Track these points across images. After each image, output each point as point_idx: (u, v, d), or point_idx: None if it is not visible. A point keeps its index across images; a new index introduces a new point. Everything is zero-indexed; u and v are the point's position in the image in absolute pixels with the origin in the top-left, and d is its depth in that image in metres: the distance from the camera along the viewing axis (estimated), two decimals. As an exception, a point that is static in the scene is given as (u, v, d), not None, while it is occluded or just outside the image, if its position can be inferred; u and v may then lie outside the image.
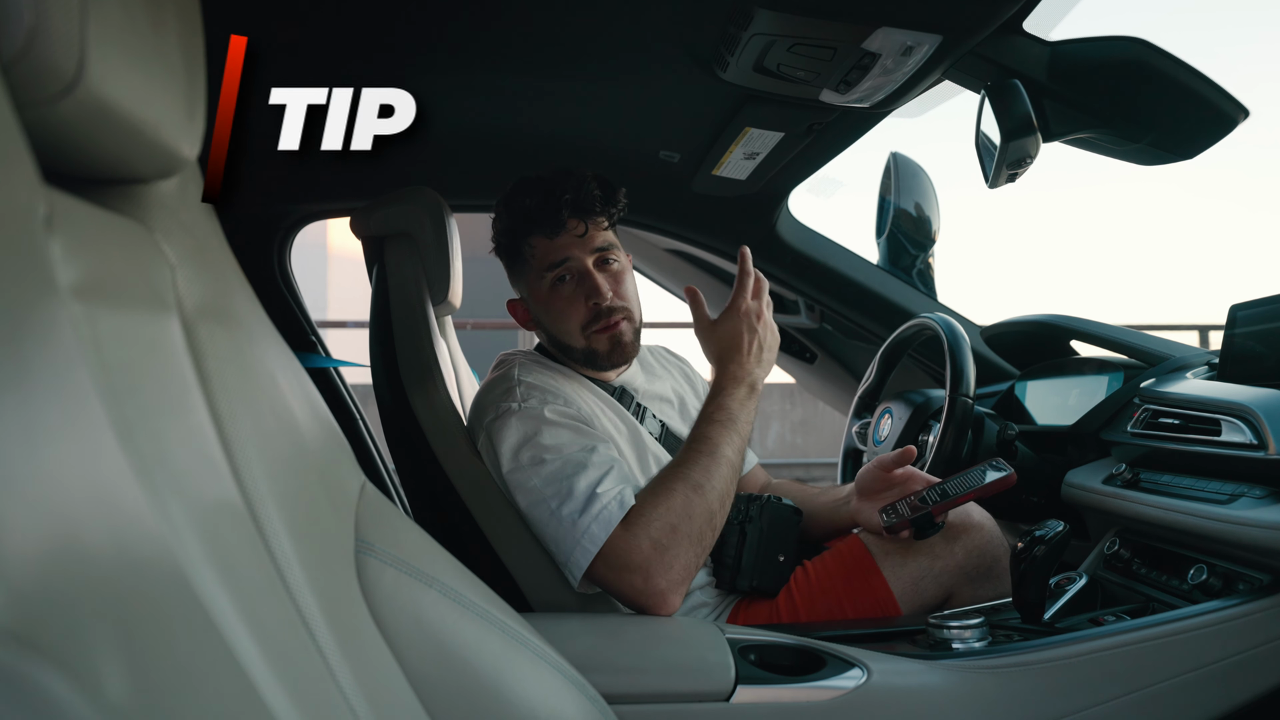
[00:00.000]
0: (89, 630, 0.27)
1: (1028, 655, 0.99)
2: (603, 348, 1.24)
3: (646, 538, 1.04)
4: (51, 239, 0.37)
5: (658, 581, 1.04)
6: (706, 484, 1.09)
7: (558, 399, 1.17)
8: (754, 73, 1.17)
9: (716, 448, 1.12)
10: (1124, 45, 1.15)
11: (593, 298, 1.21)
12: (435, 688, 0.61)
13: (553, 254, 1.22)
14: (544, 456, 1.10)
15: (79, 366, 0.35)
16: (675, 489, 1.08)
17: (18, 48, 0.36)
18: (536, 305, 1.26)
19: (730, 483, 1.12)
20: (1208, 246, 29.99)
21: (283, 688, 0.42)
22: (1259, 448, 1.10)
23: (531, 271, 1.24)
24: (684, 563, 1.05)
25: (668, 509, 1.07)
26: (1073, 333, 1.75)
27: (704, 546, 1.09)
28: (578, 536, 1.06)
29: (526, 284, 1.27)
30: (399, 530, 0.65)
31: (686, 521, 1.06)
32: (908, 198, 2.02)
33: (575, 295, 1.22)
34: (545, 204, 1.20)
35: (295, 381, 0.61)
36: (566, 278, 1.22)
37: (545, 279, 1.23)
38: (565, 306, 1.23)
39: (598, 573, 1.06)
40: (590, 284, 1.21)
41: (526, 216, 1.22)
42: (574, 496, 1.07)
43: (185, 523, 0.41)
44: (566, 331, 1.24)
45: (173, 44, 0.47)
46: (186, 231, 0.52)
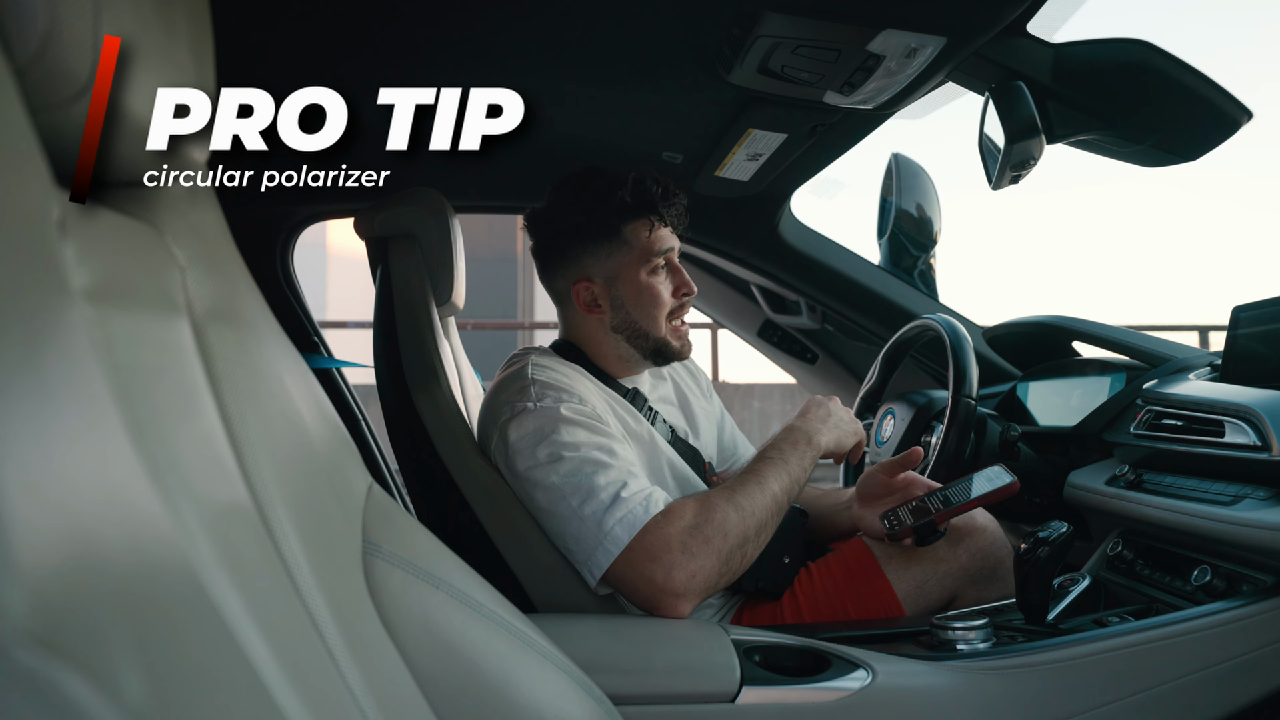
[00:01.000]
0: (107, 633, 0.27)
1: (1032, 656, 0.99)
2: (677, 341, 1.29)
3: (678, 539, 1.05)
4: (65, 242, 0.38)
5: (676, 578, 1.03)
6: (748, 507, 1.10)
7: (573, 397, 1.16)
8: (758, 74, 1.17)
9: (765, 480, 1.14)
10: (1127, 47, 1.16)
11: (684, 289, 1.28)
12: (442, 689, 0.61)
13: (660, 242, 1.26)
14: (562, 454, 1.10)
15: (93, 369, 0.35)
16: (717, 504, 1.09)
17: (32, 52, 0.36)
18: (627, 288, 1.26)
19: (771, 517, 1.13)
20: (1210, 247, 29.99)
21: (294, 689, 0.42)
22: (1263, 449, 1.10)
23: (630, 255, 1.25)
24: (707, 574, 1.05)
25: (707, 519, 1.07)
26: (1075, 334, 1.75)
27: (729, 568, 1.08)
28: (600, 537, 1.05)
29: (616, 265, 1.26)
30: (406, 532, 0.65)
31: (720, 538, 1.06)
32: (909, 198, 2.02)
33: (667, 285, 1.27)
34: (666, 195, 1.25)
35: (303, 383, 0.61)
36: (665, 266, 1.27)
37: (649, 263, 1.25)
38: (661, 292, 1.26)
39: (616, 571, 1.06)
40: (682, 278, 1.28)
41: (645, 199, 1.24)
42: (596, 496, 1.07)
43: (197, 525, 0.41)
44: (653, 318, 1.26)
45: (183, 47, 0.47)
46: (195, 233, 0.52)
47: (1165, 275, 27.35)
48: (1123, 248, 28.26)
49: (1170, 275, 27.16)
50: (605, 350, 1.29)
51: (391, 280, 1.31)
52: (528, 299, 11.21)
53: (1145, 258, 29.21)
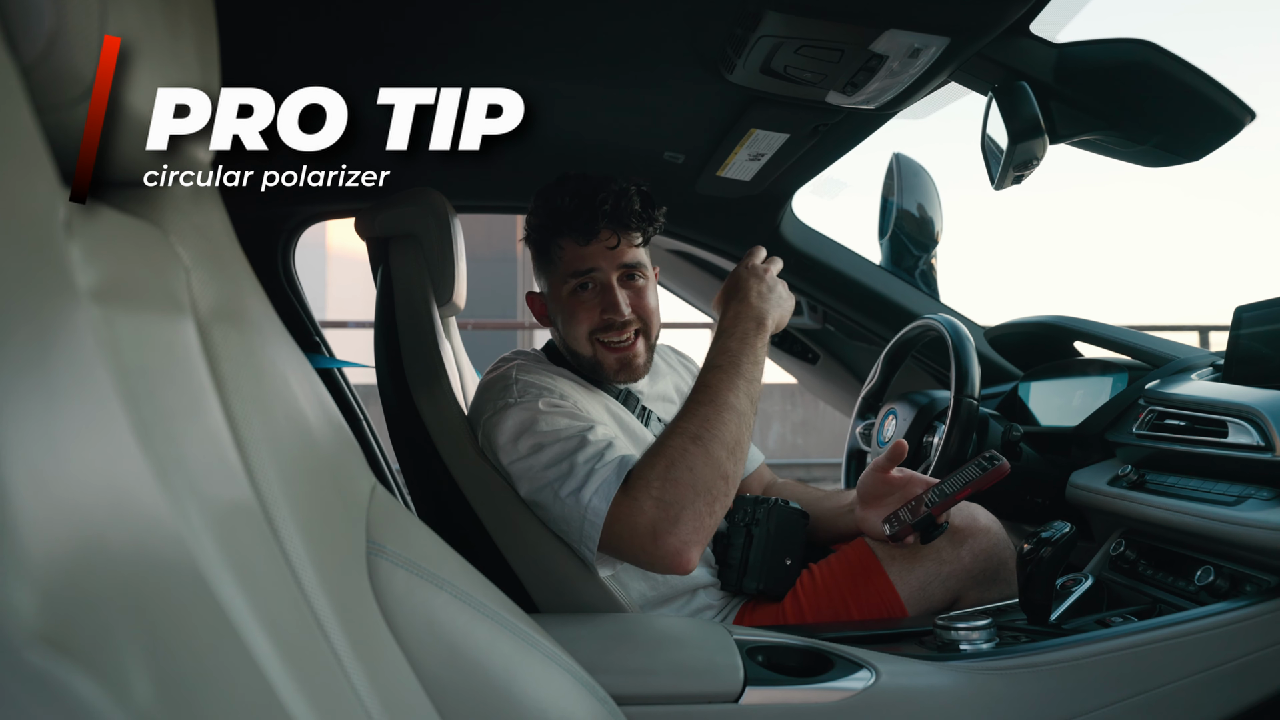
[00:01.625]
0: (116, 633, 0.27)
1: (1035, 656, 0.99)
2: (610, 364, 1.24)
3: (648, 497, 1.02)
4: (71, 243, 0.37)
5: (668, 541, 1.01)
6: (706, 434, 1.05)
7: (553, 394, 1.17)
8: (761, 74, 1.17)
9: (716, 394, 1.08)
10: (1130, 47, 1.15)
11: (608, 312, 1.22)
12: (447, 689, 0.61)
13: (580, 261, 1.21)
14: (542, 443, 1.10)
15: (99, 369, 0.35)
16: (672, 444, 1.05)
17: (38, 51, 0.36)
18: (554, 305, 1.26)
19: (738, 429, 1.07)
20: (1211, 247, 29.98)
21: (299, 690, 0.42)
22: (1265, 449, 1.10)
23: (556, 273, 1.24)
24: (692, 516, 1.02)
25: (667, 464, 1.03)
26: (1076, 334, 1.75)
27: (714, 497, 1.04)
28: (582, 512, 1.05)
29: (549, 282, 1.27)
30: (409, 532, 0.65)
31: (688, 474, 1.02)
32: (910, 198, 2.02)
33: (592, 305, 1.22)
34: (582, 209, 1.19)
35: (307, 383, 0.61)
36: (589, 286, 1.23)
37: (569, 283, 1.23)
38: (580, 312, 1.23)
39: (609, 544, 1.05)
40: (610, 299, 1.22)
41: (561, 217, 1.21)
42: (575, 474, 1.06)
43: (202, 525, 0.41)
44: (575, 336, 1.24)
45: (188, 47, 0.47)
46: (200, 234, 0.52)
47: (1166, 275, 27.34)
48: (1124, 248, 28.26)
49: (1171, 275, 27.16)
50: (577, 360, 1.28)
51: (393, 280, 1.31)
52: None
53: (1146, 258, 29.21)
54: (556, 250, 1.23)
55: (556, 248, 1.23)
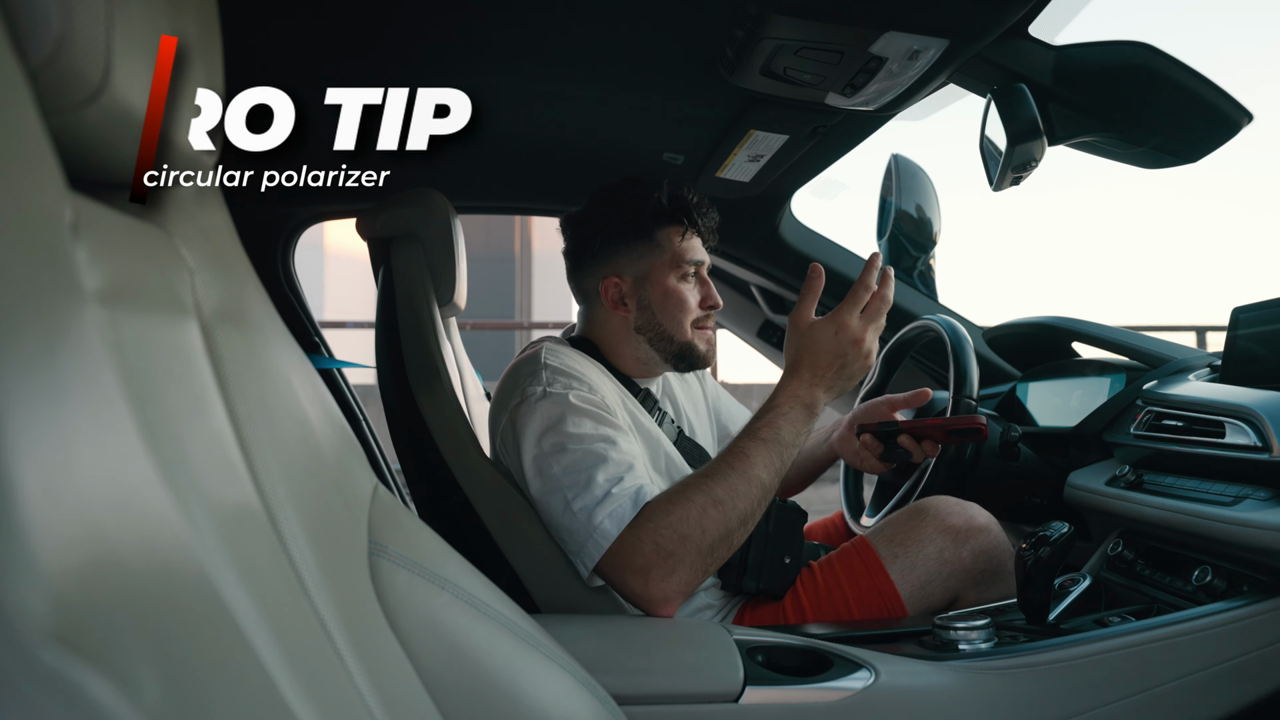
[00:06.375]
0: (125, 634, 0.28)
1: (1034, 656, 1.00)
2: (702, 347, 1.30)
3: (651, 542, 1.03)
4: (77, 245, 0.38)
5: (657, 588, 1.03)
6: (729, 500, 1.05)
7: (583, 384, 1.17)
8: (760, 76, 1.18)
9: (750, 466, 1.08)
10: (1129, 50, 1.16)
11: (710, 301, 1.30)
12: (448, 689, 0.61)
13: (693, 252, 1.29)
14: (566, 445, 1.10)
15: (106, 370, 0.35)
16: (693, 499, 1.05)
17: (45, 54, 0.36)
18: (655, 290, 1.28)
19: (758, 504, 1.08)
20: (1209, 248, 30.04)
21: (304, 690, 0.42)
22: (1263, 450, 1.10)
23: (661, 258, 1.28)
24: (686, 573, 1.04)
25: (681, 518, 1.04)
26: (1074, 334, 1.75)
27: (715, 560, 1.06)
28: (590, 530, 1.06)
29: (647, 267, 1.28)
30: (411, 532, 0.66)
31: (699, 534, 1.04)
32: (909, 199, 2.02)
33: (696, 294, 1.30)
34: (701, 206, 1.29)
35: (309, 384, 0.61)
36: (692, 276, 1.30)
37: (679, 269, 1.28)
38: (690, 299, 1.29)
39: (604, 568, 1.07)
40: (710, 291, 1.31)
41: (683, 207, 1.27)
42: (591, 490, 1.07)
43: (208, 526, 0.41)
44: (679, 322, 1.28)
45: (193, 49, 0.47)
46: (204, 235, 0.52)
47: (1163, 276, 27.38)
48: (1121, 248, 28.29)
49: (1168, 276, 27.20)
50: (624, 350, 1.30)
51: (394, 281, 1.31)
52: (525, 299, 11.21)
53: (1144, 258, 29.24)
54: (662, 236, 1.28)
55: (663, 234, 1.28)
